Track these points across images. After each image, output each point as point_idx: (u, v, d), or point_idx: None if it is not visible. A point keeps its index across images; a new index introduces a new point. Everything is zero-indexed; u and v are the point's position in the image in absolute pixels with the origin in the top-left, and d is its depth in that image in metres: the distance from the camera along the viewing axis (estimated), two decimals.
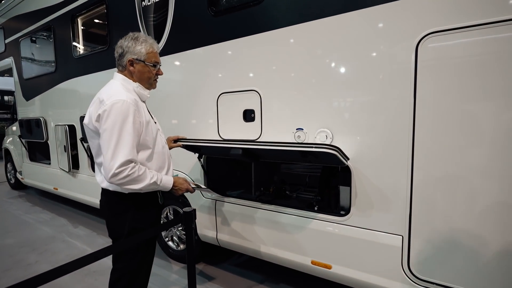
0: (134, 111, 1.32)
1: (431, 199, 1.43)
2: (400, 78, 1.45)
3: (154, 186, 1.39)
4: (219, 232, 2.26)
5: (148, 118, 1.45)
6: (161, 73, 1.54)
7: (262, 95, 1.92)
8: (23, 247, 3.08)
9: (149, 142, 1.42)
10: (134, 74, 1.46)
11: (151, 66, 1.47)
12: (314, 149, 1.52)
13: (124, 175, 1.27)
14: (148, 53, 1.45)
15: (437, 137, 1.39)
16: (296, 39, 1.76)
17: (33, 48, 4.21)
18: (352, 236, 1.67)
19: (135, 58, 1.43)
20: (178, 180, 1.53)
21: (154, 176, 1.38)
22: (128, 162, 1.28)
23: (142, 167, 1.35)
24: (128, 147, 1.28)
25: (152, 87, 1.56)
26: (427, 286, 1.47)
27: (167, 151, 1.59)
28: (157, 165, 1.48)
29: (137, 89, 1.46)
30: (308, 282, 2.26)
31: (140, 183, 1.33)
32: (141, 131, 1.37)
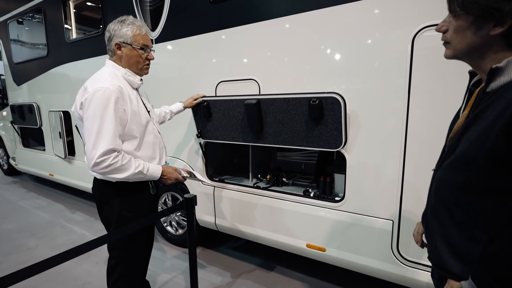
0: (116, 99, 1.27)
1: (420, 186, 1.51)
2: (395, 67, 1.50)
3: (140, 176, 1.36)
4: (218, 218, 2.34)
5: (137, 106, 1.40)
6: (152, 58, 1.47)
7: (260, 84, 1.95)
8: (22, 232, 3.12)
9: (135, 131, 1.37)
10: (123, 59, 1.41)
11: (139, 49, 1.41)
12: (321, 95, 1.62)
13: (107, 165, 1.25)
14: (135, 35, 1.39)
15: (430, 126, 1.45)
16: (295, 28, 1.77)
17: (23, 31, 4.08)
18: (346, 221, 1.76)
19: (121, 41, 1.38)
20: (167, 170, 1.48)
21: (140, 165, 1.35)
22: (110, 151, 1.25)
23: (126, 156, 1.32)
24: (109, 136, 1.24)
25: (142, 73, 1.48)
26: (414, 266, 1.57)
27: (159, 141, 1.54)
28: (147, 155, 1.45)
29: (126, 76, 1.41)
30: (303, 264, 2.37)
31: (124, 172, 1.30)
32: (125, 119, 1.32)
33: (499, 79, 0.67)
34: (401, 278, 1.63)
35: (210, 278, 2.26)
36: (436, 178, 0.82)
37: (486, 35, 0.68)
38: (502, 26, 0.65)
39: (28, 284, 2.16)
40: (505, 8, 0.63)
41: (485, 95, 0.70)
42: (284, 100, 1.76)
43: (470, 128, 0.71)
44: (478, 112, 0.69)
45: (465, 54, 0.74)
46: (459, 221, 0.73)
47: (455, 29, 0.73)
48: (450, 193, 0.76)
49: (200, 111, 2.15)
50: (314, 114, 1.65)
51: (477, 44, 0.70)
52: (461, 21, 0.71)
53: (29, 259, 2.55)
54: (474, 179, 0.70)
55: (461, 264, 0.74)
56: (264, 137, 1.93)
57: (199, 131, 2.24)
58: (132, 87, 1.44)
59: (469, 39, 0.71)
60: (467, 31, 0.70)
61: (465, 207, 0.72)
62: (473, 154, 0.69)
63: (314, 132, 1.72)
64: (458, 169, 0.73)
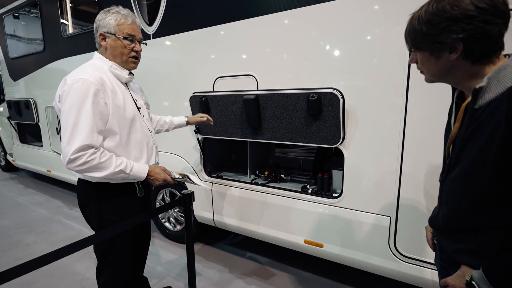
0: (95, 91, 1.18)
1: (418, 183, 1.52)
2: (394, 63, 1.49)
3: (122, 175, 1.25)
4: (216, 214, 2.34)
5: (122, 101, 1.30)
6: (139, 49, 1.37)
7: (258, 80, 1.94)
8: (20, 228, 3.11)
9: (116, 127, 1.27)
10: (108, 51, 1.33)
11: (123, 39, 1.31)
12: (319, 91, 1.62)
13: (82, 162, 1.15)
14: (119, 24, 1.30)
15: (428, 123, 1.45)
16: (294, 23, 1.75)
17: (19, 26, 4.03)
18: (343, 217, 1.76)
19: (105, 31, 1.30)
20: (155, 170, 1.35)
21: (122, 164, 1.24)
22: (86, 147, 1.15)
23: (106, 154, 1.22)
24: (85, 131, 1.14)
25: (128, 66, 1.38)
26: (411, 262, 1.58)
27: (149, 140, 1.44)
28: (132, 154, 1.35)
29: (112, 69, 1.32)
30: (301, 259, 2.38)
31: (102, 171, 1.20)
32: (107, 113, 1.23)
33: (485, 96, 0.72)
34: (398, 273, 1.64)
35: (208, 274, 2.27)
36: (446, 191, 0.87)
37: (447, 61, 0.75)
38: (456, 52, 0.72)
39: (26, 280, 2.17)
40: (447, 40, 0.70)
41: (475, 112, 0.74)
42: (282, 95, 1.75)
43: (468, 145, 0.76)
44: (474, 130, 0.74)
45: (438, 78, 0.82)
46: (473, 227, 0.79)
47: (420, 61, 0.81)
48: (460, 205, 0.81)
49: (198, 107, 2.14)
50: (313, 110, 1.65)
51: (444, 69, 0.77)
52: (421, 55, 0.80)
53: (27, 255, 2.55)
54: (478, 192, 0.75)
55: (475, 258, 0.78)
56: (262, 133, 1.92)
57: (197, 126, 2.23)
58: (121, 81, 1.37)
59: (435, 67, 0.78)
60: (430, 61, 0.78)
61: (475, 216, 0.77)
62: (475, 170, 0.74)
63: (312, 128, 1.71)
64: (463, 183, 0.79)
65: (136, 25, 1.37)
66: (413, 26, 0.77)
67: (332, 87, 1.62)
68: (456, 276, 0.81)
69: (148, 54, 2.50)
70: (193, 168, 2.40)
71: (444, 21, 0.69)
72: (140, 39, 1.39)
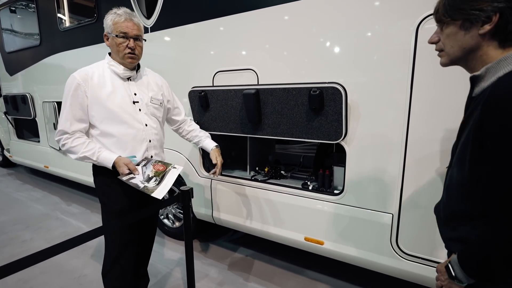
0: (76, 85, 1.37)
1: (421, 180, 1.49)
2: (398, 59, 1.45)
3: (90, 160, 1.42)
4: (215, 210, 2.31)
5: (109, 93, 1.41)
6: (132, 45, 1.42)
7: (259, 75, 1.90)
8: (17, 225, 3.08)
9: (95, 116, 1.41)
10: (111, 50, 1.47)
11: (116, 37, 1.40)
12: (322, 85, 1.59)
13: (61, 144, 1.40)
14: (115, 23, 1.40)
15: (432, 120, 1.42)
16: (295, 16, 1.71)
17: (15, 20, 3.97)
18: (345, 214, 1.73)
19: (106, 31, 1.43)
20: (119, 161, 1.39)
21: (89, 151, 1.39)
22: (63, 133, 1.38)
23: (79, 140, 1.40)
24: (63, 119, 1.38)
25: (125, 62, 1.46)
26: (414, 260, 1.56)
27: (137, 134, 1.48)
28: (114, 145, 1.45)
29: (109, 65, 1.46)
30: (301, 257, 2.36)
31: (72, 154, 1.41)
32: (85, 105, 1.40)
33: (480, 85, 0.74)
34: (400, 272, 1.61)
35: (206, 271, 2.24)
36: (447, 176, 0.90)
37: (475, 35, 0.72)
38: (490, 24, 0.69)
39: (23, 276, 2.15)
40: (487, 8, 0.68)
41: (471, 100, 0.77)
42: (283, 90, 1.72)
43: (463, 131, 0.79)
44: (467, 116, 0.77)
45: (459, 58, 0.79)
46: (464, 214, 0.79)
47: (446, 35, 0.78)
48: (454, 190, 0.83)
49: (197, 101, 2.10)
50: (314, 105, 1.61)
51: (469, 45, 0.75)
52: (450, 28, 0.77)
53: (23, 252, 2.52)
54: (465, 177, 0.76)
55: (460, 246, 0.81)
56: (262, 129, 1.88)
57: (196, 122, 2.19)
58: (119, 76, 1.47)
59: (461, 42, 0.76)
60: (458, 35, 0.76)
61: (465, 202, 0.78)
62: (462, 154, 0.77)
63: (314, 124, 1.68)
64: (457, 167, 0.80)
65: (132, 22, 1.43)
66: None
67: (334, 82, 1.58)
68: (444, 262, 0.85)
69: (146, 48, 2.45)
70: (192, 165, 2.37)
71: None
72: (134, 36, 1.43)
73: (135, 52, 1.45)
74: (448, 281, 0.80)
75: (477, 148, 0.69)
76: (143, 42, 1.50)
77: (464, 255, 0.76)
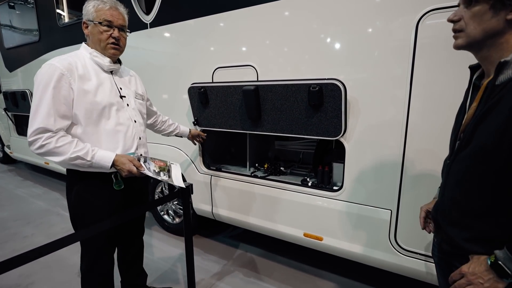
0: (59, 76, 1.18)
1: (420, 176, 1.49)
2: (397, 55, 1.45)
3: (83, 161, 1.21)
4: (214, 206, 2.32)
5: (94, 87, 1.28)
6: (117, 35, 1.33)
7: (258, 71, 1.89)
8: (18, 220, 3.10)
9: (81, 112, 1.25)
10: (90, 38, 1.35)
11: (99, 24, 1.30)
12: (321, 81, 1.58)
13: (39, 145, 1.16)
14: (97, 10, 1.30)
15: (431, 116, 1.42)
16: (295, 12, 1.70)
17: (14, 15, 3.95)
18: (344, 210, 1.74)
19: (86, 19, 1.32)
20: (120, 159, 1.26)
21: (81, 150, 1.20)
22: (43, 131, 1.15)
23: (66, 139, 1.20)
24: (43, 115, 1.15)
25: (107, 53, 1.35)
26: (412, 256, 1.57)
27: (127, 130, 1.39)
28: (104, 143, 1.31)
29: (92, 56, 1.33)
30: (301, 252, 2.38)
31: (59, 155, 1.18)
32: (71, 98, 1.22)
33: (507, 72, 0.70)
34: (399, 267, 1.63)
35: (207, 266, 2.26)
36: (454, 171, 0.84)
37: (502, 20, 0.70)
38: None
39: (25, 271, 2.17)
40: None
41: (495, 88, 0.72)
42: (283, 86, 1.72)
43: (484, 121, 0.73)
44: (492, 105, 0.71)
45: (478, 41, 0.75)
46: (483, 210, 0.75)
47: (472, 15, 0.74)
48: (472, 185, 0.78)
49: (197, 98, 2.10)
50: (314, 101, 1.61)
51: (493, 29, 0.72)
52: (479, 7, 0.73)
53: (25, 247, 2.54)
54: (495, 170, 0.72)
55: (486, 247, 0.75)
56: (262, 125, 1.89)
57: (196, 118, 2.19)
58: (102, 69, 1.36)
59: (486, 24, 0.72)
60: (485, 16, 0.72)
61: (488, 197, 0.74)
62: (492, 146, 0.71)
63: (313, 120, 1.68)
64: (478, 160, 0.75)
65: (118, 11, 1.35)
66: None
67: (334, 78, 1.58)
68: (474, 263, 0.76)
69: (145, 44, 2.46)
70: (192, 161, 2.38)
71: None
72: (119, 26, 1.35)
73: (119, 43, 1.36)
74: (492, 281, 0.71)
75: None
76: (127, 34, 1.42)
77: None
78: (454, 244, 0.83)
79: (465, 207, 0.79)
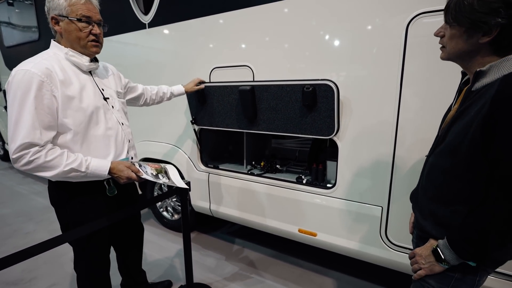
0: (39, 83, 1.07)
1: (410, 173, 1.54)
2: (388, 56, 1.49)
3: (77, 173, 1.15)
4: (212, 203, 2.37)
5: (78, 92, 1.18)
6: (97, 32, 1.23)
7: (254, 71, 1.94)
8: (19, 217, 3.15)
9: (69, 121, 1.16)
10: (63, 36, 1.21)
11: (77, 21, 1.18)
12: (314, 82, 1.63)
13: (25, 162, 1.06)
14: (71, 4, 1.17)
15: (420, 116, 1.46)
16: (289, 14, 1.74)
17: (13, 13, 3.96)
18: (337, 207, 1.79)
19: (56, 13, 1.18)
20: (117, 166, 1.21)
21: (74, 161, 1.14)
22: (28, 146, 1.06)
23: (55, 151, 1.12)
24: (27, 128, 1.05)
25: (89, 51, 1.24)
26: (401, 251, 1.63)
27: (117, 134, 1.32)
28: (94, 150, 1.24)
29: (68, 56, 1.20)
30: (297, 248, 2.44)
31: (50, 170, 1.11)
32: (55, 107, 1.12)
33: (482, 80, 0.79)
34: (389, 261, 1.68)
35: (204, 262, 2.32)
36: (428, 163, 0.95)
37: (475, 43, 0.78)
38: (489, 36, 0.75)
39: (27, 266, 2.22)
40: (491, 22, 0.73)
41: (470, 94, 0.82)
42: (278, 86, 1.76)
43: (456, 122, 0.83)
44: (464, 108, 0.81)
45: (457, 57, 0.85)
46: (445, 199, 0.87)
47: (449, 36, 0.83)
48: (438, 176, 0.89)
49: (194, 97, 2.14)
50: (308, 101, 1.65)
51: (468, 50, 0.81)
52: (454, 30, 0.81)
53: (27, 243, 2.60)
54: (457, 165, 0.82)
55: (441, 230, 0.88)
56: (258, 124, 1.93)
57: (194, 117, 2.24)
58: (81, 69, 1.25)
59: (461, 45, 0.81)
60: (460, 39, 0.81)
61: (449, 187, 0.85)
62: (457, 143, 0.81)
63: (307, 119, 1.72)
64: (445, 156, 0.86)
65: (92, 4, 1.24)
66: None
67: (327, 79, 1.62)
68: (424, 246, 0.92)
69: (144, 44, 2.49)
70: (190, 159, 2.43)
71: (498, 2, 0.71)
72: (98, 21, 1.25)
73: (100, 40, 1.27)
74: (430, 263, 0.87)
75: (485, 138, 0.73)
76: (105, 29, 1.33)
77: (456, 238, 0.81)
78: (420, 227, 0.96)
79: (431, 195, 0.91)
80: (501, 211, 0.73)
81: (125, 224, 1.60)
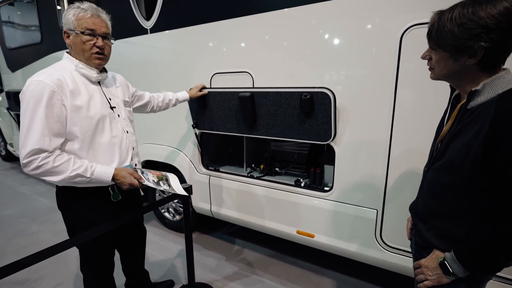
0: (50, 93, 1.15)
1: (403, 178, 1.60)
2: (383, 65, 1.54)
3: (82, 179, 1.22)
4: (213, 205, 2.43)
5: (86, 102, 1.26)
6: (101, 45, 1.29)
7: (254, 77, 1.99)
8: (23, 218, 3.21)
9: (77, 129, 1.23)
10: (73, 49, 1.29)
11: (81, 34, 1.25)
12: (312, 90, 1.68)
13: (34, 166, 1.14)
14: (78, 19, 1.24)
15: (414, 123, 1.52)
16: (287, 22, 1.79)
17: (15, 16, 4.00)
18: (334, 210, 1.86)
19: (67, 28, 1.27)
20: (120, 173, 1.28)
21: (80, 167, 1.21)
22: (38, 152, 1.14)
23: (63, 157, 1.19)
24: (36, 135, 1.13)
25: (92, 63, 1.30)
26: (396, 252, 1.69)
27: (122, 142, 1.39)
28: (100, 157, 1.32)
29: (78, 68, 1.29)
30: (295, 248, 2.50)
31: (57, 175, 1.18)
32: (64, 116, 1.20)
33: (477, 99, 0.80)
34: (384, 262, 1.75)
35: (205, 261, 2.38)
36: (428, 178, 0.97)
37: (463, 64, 0.80)
38: (475, 58, 0.77)
39: (33, 267, 2.23)
40: (474, 46, 0.74)
41: (466, 112, 0.83)
42: (276, 93, 1.81)
43: (455, 139, 0.84)
44: (462, 126, 0.83)
45: (446, 77, 0.88)
46: (447, 212, 0.89)
47: (436, 59, 0.85)
48: (440, 191, 0.91)
49: (195, 102, 2.20)
50: (305, 108, 1.71)
51: (456, 70, 0.83)
52: (439, 55, 0.83)
53: (32, 243, 2.65)
54: (458, 181, 0.84)
55: (445, 241, 0.90)
56: (257, 129, 1.99)
57: (195, 121, 2.29)
58: (90, 80, 1.33)
59: (449, 68, 0.83)
60: (447, 62, 0.83)
61: (451, 202, 0.87)
62: (458, 161, 0.82)
63: (305, 125, 1.78)
64: (446, 172, 0.87)
65: (100, 18, 1.30)
66: (443, 26, 0.78)
67: (324, 87, 1.68)
68: (430, 258, 0.93)
69: (145, 49, 2.54)
70: (192, 162, 2.48)
71: (478, 28, 0.72)
72: (103, 34, 1.30)
73: (104, 52, 1.32)
74: (438, 276, 0.89)
75: (486, 157, 0.75)
76: (111, 42, 1.38)
77: (463, 253, 0.83)
78: (423, 238, 0.98)
79: (433, 209, 0.93)
80: (506, 227, 0.75)
81: (128, 227, 1.66)
